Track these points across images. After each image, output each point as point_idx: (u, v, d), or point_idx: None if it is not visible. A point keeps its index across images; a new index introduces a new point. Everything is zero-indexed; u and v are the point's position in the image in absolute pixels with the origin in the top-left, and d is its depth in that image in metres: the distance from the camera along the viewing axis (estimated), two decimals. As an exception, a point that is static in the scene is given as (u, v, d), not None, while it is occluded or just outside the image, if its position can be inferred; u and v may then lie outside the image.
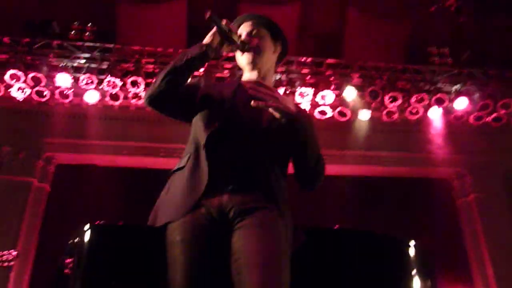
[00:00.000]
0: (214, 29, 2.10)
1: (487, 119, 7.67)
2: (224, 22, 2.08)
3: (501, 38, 7.93)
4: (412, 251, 3.23)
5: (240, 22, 2.33)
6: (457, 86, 7.69)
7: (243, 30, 2.28)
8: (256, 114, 2.02)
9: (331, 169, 8.18)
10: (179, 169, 2.02)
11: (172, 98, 2.04)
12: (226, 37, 2.11)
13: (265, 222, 1.82)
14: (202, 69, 6.73)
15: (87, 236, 2.29)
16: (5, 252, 4.17)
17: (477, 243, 7.73)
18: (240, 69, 2.40)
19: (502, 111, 7.54)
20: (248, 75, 2.29)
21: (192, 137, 2.09)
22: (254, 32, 2.26)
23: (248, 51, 2.22)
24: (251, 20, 2.31)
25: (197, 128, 2.06)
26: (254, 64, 2.24)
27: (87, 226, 2.31)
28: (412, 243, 3.23)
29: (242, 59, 2.26)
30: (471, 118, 7.69)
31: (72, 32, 7.33)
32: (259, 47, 2.24)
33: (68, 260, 2.38)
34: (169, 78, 1.99)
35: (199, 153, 1.96)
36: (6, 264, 4.16)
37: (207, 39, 2.10)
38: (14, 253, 4.23)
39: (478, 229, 7.75)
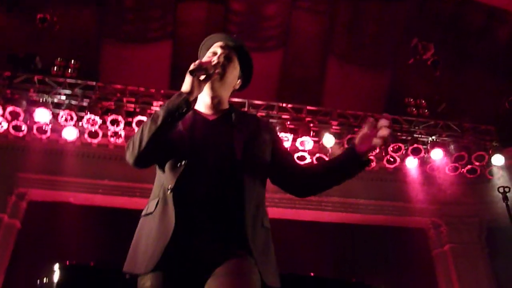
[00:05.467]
0: (189, 77, 1.86)
1: (462, 170, 7.80)
2: (197, 65, 1.87)
3: (474, 94, 8.20)
4: (387, 301, 3.21)
5: (212, 42, 2.18)
6: (433, 137, 7.85)
7: (217, 50, 2.11)
8: (224, 148, 1.92)
9: (308, 215, 8.15)
10: (148, 213, 1.92)
11: (157, 156, 1.92)
12: (207, 76, 1.90)
13: (238, 271, 1.75)
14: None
15: (56, 276, 2.22)
16: None
17: (452, 293, 7.70)
18: None
19: (477, 163, 7.69)
20: (202, 100, 2.11)
21: (157, 179, 1.99)
22: (224, 53, 2.08)
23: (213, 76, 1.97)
24: (222, 41, 2.15)
25: (163, 171, 1.94)
26: (213, 91, 2.05)
27: (56, 266, 2.25)
28: (387, 292, 3.21)
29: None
30: (447, 169, 7.82)
31: (55, 68, 7.34)
32: (223, 71, 2.04)
33: (35, 301, 2.31)
34: (153, 139, 1.82)
35: (167, 199, 1.84)
36: None
37: (187, 87, 1.86)
38: None
39: (453, 279, 7.74)
